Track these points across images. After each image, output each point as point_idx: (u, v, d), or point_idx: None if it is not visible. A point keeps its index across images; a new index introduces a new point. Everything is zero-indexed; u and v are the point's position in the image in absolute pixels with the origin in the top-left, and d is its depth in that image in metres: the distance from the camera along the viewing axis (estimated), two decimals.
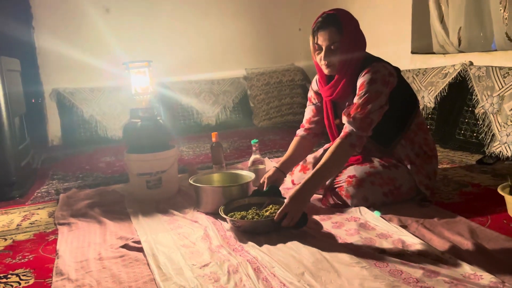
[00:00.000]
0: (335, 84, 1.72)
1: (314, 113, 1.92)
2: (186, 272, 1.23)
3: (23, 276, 1.31)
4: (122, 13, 3.93)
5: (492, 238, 1.33)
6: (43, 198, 2.18)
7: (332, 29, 1.62)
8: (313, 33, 1.67)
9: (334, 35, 1.62)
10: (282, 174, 1.81)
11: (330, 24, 1.62)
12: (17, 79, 2.49)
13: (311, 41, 1.69)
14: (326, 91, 1.77)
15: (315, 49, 1.69)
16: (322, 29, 1.63)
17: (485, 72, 2.48)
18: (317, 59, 1.71)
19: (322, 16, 1.66)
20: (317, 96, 1.91)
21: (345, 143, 1.57)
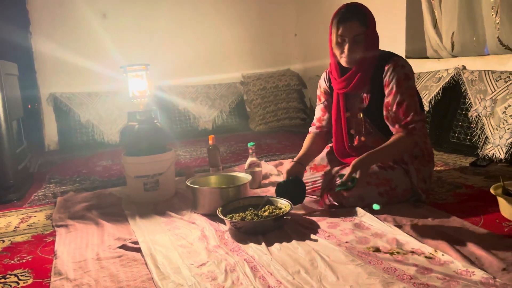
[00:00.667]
0: (351, 76, 1.73)
1: (323, 112, 1.94)
2: (184, 271, 1.25)
3: (21, 276, 1.32)
4: (119, 18, 3.97)
5: (485, 237, 1.35)
6: (40, 201, 2.19)
7: (357, 21, 1.63)
8: (337, 24, 1.65)
9: (358, 27, 1.64)
10: (301, 166, 1.80)
11: (355, 16, 1.63)
12: (15, 83, 2.51)
13: (334, 32, 1.67)
14: (341, 83, 1.77)
15: (336, 40, 1.68)
16: (347, 21, 1.63)
17: (478, 76, 2.52)
18: (336, 51, 1.71)
19: (345, 8, 1.67)
20: (325, 94, 1.92)
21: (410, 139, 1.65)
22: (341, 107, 1.81)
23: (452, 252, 1.23)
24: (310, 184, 1.89)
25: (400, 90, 1.66)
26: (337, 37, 1.67)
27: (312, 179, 1.89)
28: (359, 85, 1.74)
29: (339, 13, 1.67)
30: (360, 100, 1.79)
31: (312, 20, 4.38)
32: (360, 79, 1.72)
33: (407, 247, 1.30)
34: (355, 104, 1.81)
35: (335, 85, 1.81)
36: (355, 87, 1.75)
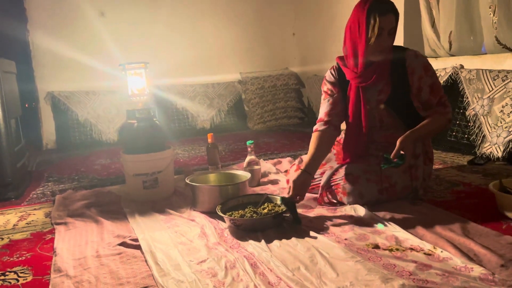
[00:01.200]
0: (373, 68, 1.74)
1: (332, 105, 1.86)
2: (184, 268, 1.25)
3: (21, 273, 1.32)
4: (117, 17, 3.96)
5: (483, 233, 1.36)
6: (39, 199, 2.18)
7: (392, 14, 1.66)
8: (376, 15, 1.63)
9: (393, 21, 1.66)
10: (309, 175, 1.70)
11: (391, 10, 1.65)
12: (13, 81, 2.50)
13: (371, 23, 1.63)
14: (360, 76, 1.75)
15: (372, 32, 1.64)
16: (386, 13, 1.64)
17: (476, 75, 2.53)
18: (372, 42, 1.66)
19: (381, 1, 1.66)
20: (334, 87, 1.88)
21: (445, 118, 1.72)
22: (362, 100, 1.78)
23: (450, 249, 1.24)
24: None
25: (428, 74, 1.73)
26: (376, 29, 1.64)
27: None
28: (379, 78, 1.75)
29: (375, 5, 1.64)
30: (378, 93, 1.79)
31: (311, 19, 4.39)
32: (381, 71, 1.75)
33: (406, 244, 1.31)
34: (372, 96, 1.80)
35: (355, 79, 1.77)
36: (376, 80, 1.75)
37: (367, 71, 1.74)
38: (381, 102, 1.78)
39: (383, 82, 1.77)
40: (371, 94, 1.79)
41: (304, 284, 1.10)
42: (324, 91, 1.92)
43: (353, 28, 1.71)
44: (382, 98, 1.78)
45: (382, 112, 1.80)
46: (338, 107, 1.86)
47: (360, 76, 1.75)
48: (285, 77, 4.54)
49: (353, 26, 1.70)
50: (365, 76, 1.74)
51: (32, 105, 3.93)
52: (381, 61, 1.72)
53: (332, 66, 1.91)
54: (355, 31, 1.70)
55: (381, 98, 1.78)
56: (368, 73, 1.74)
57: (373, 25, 1.64)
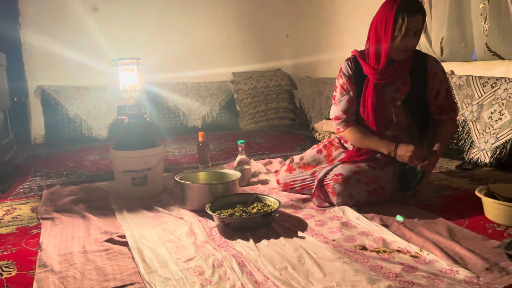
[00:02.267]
0: (395, 66, 1.76)
1: (349, 103, 1.86)
2: (171, 265, 1.24)
3: (5, 267, 1.30)
4: (110, 12, 3.94)
5: (469, 237, 1.38)
6: (26, 194, 2.15)
7: (421, 15, 1.66)
8: (405, 15, 1.63)
9: (421, 22, 1.67)
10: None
11: (419, 10, 1.66)
12: (2, 73, 2.47)
13: (399, 23, 1.64)
14: (381, 73, 1.75)
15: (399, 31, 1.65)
16: (416, 14, 1.64)
17: (466, 81, 2.56)
18: (398, 41, 1.67)
19: (411, 1, 1.66)
20: (350, 82, 1.86)
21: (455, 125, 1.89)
22: (382, 98, 1.79)
23: (437, 252, 1.25)
24: (299, 182, 1.90)
25: (447, 79, 1.83)
26: (403, 29, 1.65)
27: (301, 177, 1.90)
28: (398, 77, 1.78)
29: (405, 5, 1.64)
30: (394, 91, 1.81)
31: (304, 21, 4.40)
32: (401, 71, 1.77)
33: (393, 246, 1.32)
34: (388, 94, 1.82)
35: (373, 75, 1.77)
36: (395, 78, 1.78)
37: (387, 69, 1.76)
38: (398, 100, 1.81)
39: (400, 81, 1.80)
40: (387, 91, 1.81)
41: (291, 284, 1.11)
42: (340, 85, 1.89)
43: (379, 25, 1.72)
44: (398, 96, 1.81)
45: (395, 110, 1.81)
46: (354, 105, 1.88)
47: (379, 73, 1.76)
48: (278, 78, 4.55)
49: (380, 23, 1.71)
50: (385, 74, 1.76)
51: (21, 99, 3.88)
52: (403, 60, 1.75)
53: (348, 58, 1.90)
54: (381, 29, 1.70)
55: (397, 96, 1.81)
56: (388, 71, 1.76)
57: (401, 25, 1.65)
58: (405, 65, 1.78)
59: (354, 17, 3.62)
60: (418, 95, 1.81)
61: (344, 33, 3.77)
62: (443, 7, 2.86)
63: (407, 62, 1.78)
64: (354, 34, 3.51)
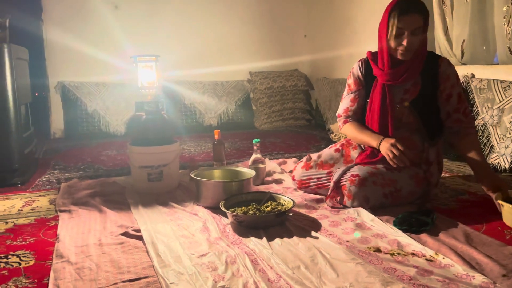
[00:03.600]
0: (402, 68, 1.73)
1: (352, 103, 1.91)
2: (185, 260, 1.25)
3: (23, 257, 1.33)
4: (130, 10, 3.99)
5: (487, 243, 1.35)
6: (44, 186, 2.20)
7: (416, 14, 1.63)
8: (397, 16, 1.63)
9: (418, 20, 1.64)
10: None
11: (416, 9, 1.63)
12: (25, 68, 2.52)
13: (392, 24, 1.65)
14: (389, 74, 1.74)
15: (392, 32, 1.66)
16: (408, 13, 1.62)
17: (487, 85, 2.52)
18: (392, 43, 1.68)
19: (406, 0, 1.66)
20: (359, 83, 1.89)
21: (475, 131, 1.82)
22: (389, 99, 1.78)
23: (452, 256, 1.23)
24: (314, 181, 1.89)
25: (459, 83, 1.78)
26: (396, 30, 1.65)
27: (317, 175, 1.89)
28: (407, 79, 1.75)
29: (398, 5, 1.65)
30: (404, 91, 1.79)
31: (323, 22, 4.38)
32: (412, 72, 1.74)
33: (408, 249, 1.30)
34: (397, 94, 1.80)
35: (382, 76, 1.77)
36: (405, 80, 1.75)
37: (396, 70, 1.74)
38: (407, 100, 1.79)
39: (411, 82, 1.78)
40: (396, 92, 1.79)
41: (303, 283, 1.10)
42: (348, 84, 1.95)
43: (379, 26, 1.74)
44: (407, 97, 1.79)
45: (404, 111, 1.79)
46: (358, 104, 1.90)
47: (387, 74, 1.75)
48: (295, 78, 4.54)
49: (380, 24, 1.74)
50: (394, 75, 1.75)
51: (42, 94, 3.96)
52: (412, 61, 1.72)
53: (360, 59, 1.91)
54: (380, 29, 1.73)
55: (406, 97, 1.79)
56: (397, 72, 1.74)
57: (392, 25, 1.65)
58: (416, 66, 1.74)
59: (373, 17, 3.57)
60: (428, 97, 1.77)
61: (363, 34, 3.74)
62: (464, 9, 2.82)
63: (418, 63, 1.74)
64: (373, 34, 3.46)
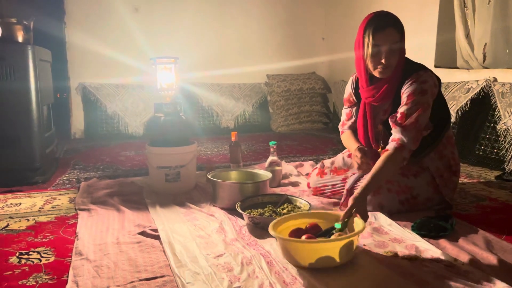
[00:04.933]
0: (379, 85, 1.66)
1: (347, 117, 1.94)
2: (201, 260, 1.26)
3: (44, 254, 1.36)
4: (150, 13, 4.04)
5: (508, 249, 1.32)
6: (65, 185, 2.24)
7: (393, 29, 1.56)
8: (372, 33, 1.56)
9: (395, 36, 1.56)
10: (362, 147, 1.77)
11: (391, 24, 1.56)
12: (47, 69, 2.58)
13: (367, 42, 1.58)
14: (369, 91, 1.70)
15: (367, 51, 1.58)
16: (384, 29, 1.55)
17: (509, 89, 2.46)
18: (370, 62, 1.61)
19: (378, 16, 1.59)
20: (352, 97, 1.88)
21: (399, 156, 1.53)
22: (368, 118, 1.74)
23: (473, 263, 1.21)
24: (329, 188, 1.88)
25: (407, 102, 1.58)
26: (372, 47, 1.57)
27: (332, 182, 1.88)
28: (385, 97, 1.68)
29: (372, 21, 1.58)
30: (383, 112, 1.74)
31: (341, 24, 4.36)
32: (387, 90, 1.66)
33: (426, 254, 1.28)
34: (377, 115, 1.76)
35: (363, 94, 1.74)
36: (381, 98, 1.69)
37: (374, 88, 1.68)
38: (382, 122, 1.74)
39: (388, 102, 1.71)
40: (377, 113, 1.75)
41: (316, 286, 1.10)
42: (344, 99, 1.96)
43: (355, 45, 1.67)
44: (384, 118, 1.73)
45: (380, 132, 1.75)
46: (352, 119, 1.92)
47: (367, 91, 1.71)
48: (312, 81, 4.53)
49: (355, 43, 1.66)
50: (373, 93, 1.69)
51: (63, 95, 4.04)
52: (390, 79, 1.64)
53: (353, 74, 1.88)
54: (356, 49, 1.66)
55: (384, 117, 1.73)
56: (375, 90, 1.68)
57: (367, 43, 1.58)
58: (392, 84, 1.64)
59: None
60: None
61: None
62: (487, 12, 2.77)
63: (395, 81, 1.64)
64: None
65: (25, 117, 2.22)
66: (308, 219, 1.42)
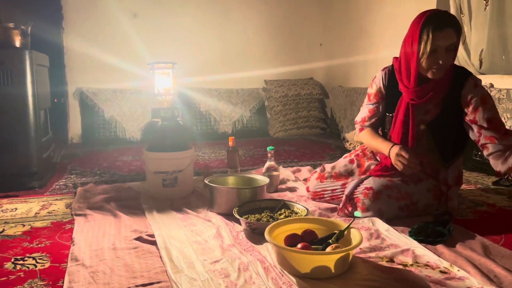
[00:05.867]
0: (427, 87, 1.63)
1: (370, 113, 1.87)
2: (198, 266, 1.26)
3: (39, 259, 1.35)
4: (148, 19, 4.05)
5: (505, 255, 1.32)
6: (61, 190, 2.24)
7: (451, 29, 1.53)
8: (430, 30, 1.53)
9: (453, 36, 1.54)
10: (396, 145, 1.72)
11: (449, 24, 1.53)
12: (45, 74, 2.58)
13: (425, 40, 1.54)
14: (415, 92, 1.65)
15: (425, 49, 1.55)
16: (444, 28, 1.52)
17: (506, 95, 2.47)
18: (426, 60, 1.57)
19: (439, 14, 1.56)
20: (379, 95, 1.83)
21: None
22: (411, 118, 1.69)
23: (469, 268, 1.21)
24: (328, 192, 1.88)
25: (486, 107, 1.59)
26: (431, 47, 1.53)
27: (332, 187, 1.87)
28: (432, 98, 1.65)
29: (432, 19, 1.54)
30: (424, 112, 1.72)
31: (338, 31, 4.38)
32: (437, 92, 1.64)
33: (423, 260, 1.28)
34: (418, 114, 1.72)
35: (406, 93, 1.68)
36: (429, 100, 1.66)
37: (422, 88, 1.64)
38: (424, 122, 1.72)
39: (434, 102, 1.69)
40: (418, 112, 1.71)
41: None
42: (368, 94, 1.88)
43: (407, 42, 1.63)
44: (427, 118, 1.72)
45: (419, 132, 1.74)
46: (376, 116, 1.87)
47: (413, 92, 1.66)
48: (310, 86, 4.54)
49: (407, 40, 1.62)
50: (420, 94, 1.65)
51: (60, 100, 4.04)
52: (439, 81, 1.62)
53: (385, 68, 1.82)
54: (409, 46, 1.61)
55: (426, 118, 1.72)
56: (422, 91, 1.64)
57: (426, 41, 1.54)
58: (441, 86, 1.63)
59: (390, 26, 3.57)
60: (446, 120, 1.68)
61: (379, 43, 3.73)
62: (483, 18, 2.79)
63: (444, 82, 1.63)
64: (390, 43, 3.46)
65: (22, 121, 2.21)
66: (305, 223, 1.42)
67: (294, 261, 1.19)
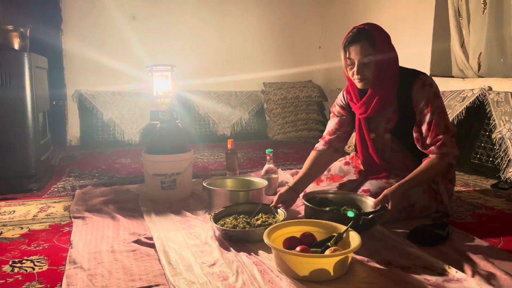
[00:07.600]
0: (368, 99, 1.69)
1: (337, 126, 1.89)
2: (196, 269, 1.25)
3: (37, 262, 1.34)
4: (147, 21, 4.05)
5: (504, 257, 1.32)
6: (60, 192, 2.23)
7: (365, 42, 1.60)
8: (344, 47, 1.65)
9: (367, 49, 1.60)
10: (294, 193, 1.74)
11: (362, 38, 1.61)
12: (44, 76, 2.57)
13: (343, 56, 1.67)
14: (359, 108, 1.74)
15: (347, 63, 1.67)
16: (354, 43, 1.62)
17: (504, 98, 2.48)
18: (349, 74, 1.69)
19: (353, 31, 1.65)
20: (343, 110, 1.88)
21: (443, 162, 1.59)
22: (365, 132, 1.77)
23: (468, 270, 1.21)
24: None
25: (430, 110, 1.62)
26: (346, 61, 1.67)
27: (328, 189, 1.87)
28: (379, 109, 1.70)
29: (349, 36, 1.64)
30: (386, 120, 1.75)
31: (337, 33, 4.39)
32: (379, 102, 1.68)
33: (420, 262, 1.28)
34: (380, 124, 1.77)
35: (356, 110, 1.77)
36: (375, 111, 1.71)
37: (365, 102, 1.71)
38: (388, 130, 1.76)
39: (391, 110, 1.72)
40: (378, 122, 1.76)
41: None
42: (332, 111, 1.94)
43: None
44: (389, 126, 1.75)
45: (387, 142, 1.77)
46: (343, 129, 1.88)
47: (358, 108, 1.75)
48: (309, 89, 4.54)
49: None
50: (363, 108, 1.73)
51: (59, 102, 4.04)
52: (378, 88, 1.67)
53: (345, 88, 1.87)
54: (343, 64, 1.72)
55: (389, 126, 1.75)
56: (365, 105, 1.71)
57: (344, 57, 1.67)
58: (385, 93, 1.67)
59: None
60: (406, 124, 1.70)
61: None
62: (481, 21, 2.80)
63: (387, 90, 1.67)
64: None
65: (20, 124, 2.21)
66: (304, 226, 1.41)
67: (292, 264, 1.19)
